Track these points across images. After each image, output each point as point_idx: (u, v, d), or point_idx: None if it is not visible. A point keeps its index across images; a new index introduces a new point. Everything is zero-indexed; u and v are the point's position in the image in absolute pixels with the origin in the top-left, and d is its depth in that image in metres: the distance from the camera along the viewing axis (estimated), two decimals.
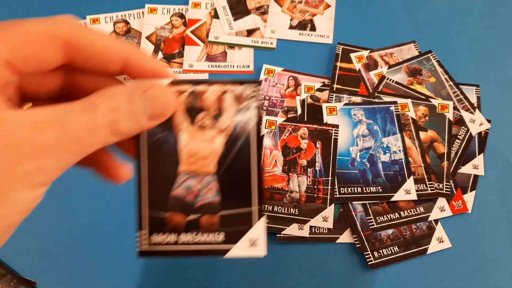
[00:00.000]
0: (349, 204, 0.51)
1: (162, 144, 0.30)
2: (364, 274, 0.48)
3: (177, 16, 0.64)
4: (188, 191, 0.30)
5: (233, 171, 0.30)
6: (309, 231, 0.49)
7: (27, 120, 0.20)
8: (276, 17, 0.64)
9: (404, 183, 0.51)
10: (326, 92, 0.58)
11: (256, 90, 0.30)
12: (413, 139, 0.54)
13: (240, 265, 0.48)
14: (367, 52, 0.61)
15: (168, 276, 0.48)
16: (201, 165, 0.30)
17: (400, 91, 0.58)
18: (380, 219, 0.50)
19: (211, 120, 0.30)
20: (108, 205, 0.51)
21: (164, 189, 0.30)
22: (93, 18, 0.63)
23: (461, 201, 0.51)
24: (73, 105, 0.21)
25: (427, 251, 0.49)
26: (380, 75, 0.59)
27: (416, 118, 0.55)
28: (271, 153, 0.53)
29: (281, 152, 0.53)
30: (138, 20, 0.64)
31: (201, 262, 0.48)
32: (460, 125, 0.56)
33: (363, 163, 0.52)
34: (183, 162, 0.30)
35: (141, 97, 0.23)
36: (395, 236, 0.49)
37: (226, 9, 0.64)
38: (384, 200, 0.51)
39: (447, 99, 0.57)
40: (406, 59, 0.60)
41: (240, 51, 0.62)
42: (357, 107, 0.56)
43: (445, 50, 0.62)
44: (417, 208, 0.51)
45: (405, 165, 0.52)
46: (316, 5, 0.65)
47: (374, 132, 0.54)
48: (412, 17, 0.65)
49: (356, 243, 0.49)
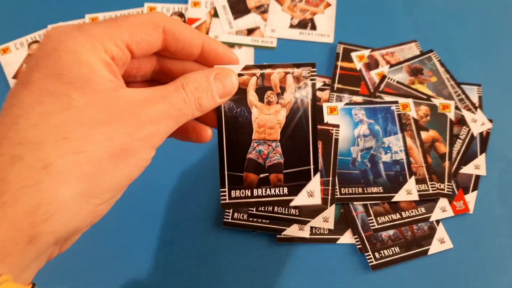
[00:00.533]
0: (350, 205, 0.50)
1: (238, 117, 0.37)
2: (365, 275, 0.48)
3: (177, 15, 0.64)
4: (259, 155, 0.37)
5: (294, 138, 0.37)
6: (310, 232, 0.49)
7: (140, 96, 0.26)
8: (276, 16, 0.64)
9: (405, 183, 0.51)
10: (327, 92, 0.57)
11: (312, 71, 0.37)
12: (414, 139, 0.53)
13: (240, 265, 0.48)
14: (368, 52, 0.61)
15: (168, 276, 0.48)
16: (268, 133, 0.37)
17: (401, 91, 0.57)
18: (381, 220, 0.50)
19: (276, 97, 0.37)
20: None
21: (240, 153, 0.37)
22: (92, 17, 0.62)
23: (462, 201, 0.51)
24: (168, 86, 0.27)
25: (428, 251, 0.48)
26: (381, 75, 0.59)
27: (417, 118, 0.55)
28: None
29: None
30: None
31: (200, 262, 0.48)
32: (462, 125, 0.55)
33: (364, 163, 0.52)
34: (255, 131, 0.37)
35: (215, 79, 0.30)
36: (396, 237, 0.49)
37: (226, 8, 0.64)
38: (385, 200, 0.50)
39: (448, 98, 0.57)
40: (407, 58, 0.60)
41: (240, 50, 0.61)
42: (358, 107, 0.55)
43: (446, 49, 0.61)
44: (419, 209, 0.50)
45: (406, 165, 0.52)
46: (316, 4, 0.65)
47: (375, 132, 0.54)
48: (413, 16, 0.65)
49: (357, 243, 0.49)
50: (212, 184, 0.52)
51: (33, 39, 0.62)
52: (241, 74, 0.37)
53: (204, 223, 0.50)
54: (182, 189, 0.52)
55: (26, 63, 0.61)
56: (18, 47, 0.62)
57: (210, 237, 0.50)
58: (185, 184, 0.52)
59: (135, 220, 0.50)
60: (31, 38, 0.62)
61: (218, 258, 0.48)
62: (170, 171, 0.53)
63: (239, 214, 0.49)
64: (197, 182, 0.52)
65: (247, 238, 0.49)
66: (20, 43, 0.62)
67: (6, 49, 0.61)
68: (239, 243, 0.49)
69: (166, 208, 0.51)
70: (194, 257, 0.48)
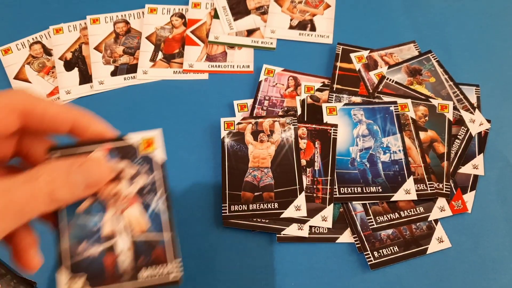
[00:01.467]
0: (349, 204, 0.51)
1: (237, 151, 0.52)
2: (364, 274, 0.48)
3: (177, 16, 0.64)
4: (254, 178, 0.50)
5: (282, 165, 0.51)
6: (309, 231, 0.49)
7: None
8: (276, 17, 0.64)
9: (404, 183, 0.51)
10: (326, 92, 0.58)
11: (293, 119, 0.53)
12: (413, 139, 0.54)
13: (240, 264, 0.48)
14: (367, 52, 0.61)
15: None
16: (261, 162, 0.51)
17: (400, 91, 0.58)
18: (380, 219, 0.50)
19: (267, 137, 0.52)
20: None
21: (239, 177, 0.51)
22: (93, 18, 0.63)
23: (461, 201, 0.51)
24: (17, 177, 0.25)
25: (427, 251, 0.49)
26: (380, 75, 0.59)
27: (416, 118, 0.55)
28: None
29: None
30: (138, 20, 0.64)
31: (201, 262, 0.48)
32: (460, 125, 0.56)
33: (363, 163, 0.52)
34: (250, 161, 0.51)
35: (78, 169, 0.27)
36: (395, 236, 0.49)
37: (226, 9, 0.64)
38: (384, 200, 0.51)
39: (447, 99, 0.57)
40: (406, 59, 0.61)
41: (240, 51, 0.62)
42: (357, 107, 0.56)
43: (445, 50, 0.62)
44: (417, 208, 0.51)
45: (405, 165, 0.52)
46: (316, 5, 0.66)
47: (374, 132, 0.54)
48: (412, 17, 0.65)
49: (356, 243, 0.49)
50: (212, 185, 0.53)
51: (34, 40, 0.63)
52: (240, 122, 0.53)
53: (204, 223, 0.50)
54: (182, 189, 0.52)
55: (27, 63, 0.61)
56: (20, 48, 0.62)
57: (211, 236, 0.50)
58: (185, 184, 0.52)
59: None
60: (33, 39, 0.63)
61: (218, 257, 0.49)
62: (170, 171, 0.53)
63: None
64: (197, 182, 0.52)
65: (247, 237, 0.50)
66: (22, 44, 0.62)
67: (7, 50, 0.62)
68: (239, 242, 0.50)
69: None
70: (195, 256, 0.49)
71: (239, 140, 0.53)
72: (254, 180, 0.51)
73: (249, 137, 0.53)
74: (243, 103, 0.57)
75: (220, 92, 0.58)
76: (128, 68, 0.60)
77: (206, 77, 0.60)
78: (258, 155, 0.52)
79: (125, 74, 0.60)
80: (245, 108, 0.57)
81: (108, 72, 0.60)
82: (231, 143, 0.53)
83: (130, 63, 0.61)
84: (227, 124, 0.54)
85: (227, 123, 0.54)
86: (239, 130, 0.54)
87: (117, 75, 0.60)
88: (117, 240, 0.33)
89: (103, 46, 0.62)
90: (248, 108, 0.57)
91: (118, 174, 0.32)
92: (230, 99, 0.57)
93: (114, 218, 0.33)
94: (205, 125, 0.56)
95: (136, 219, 0.33)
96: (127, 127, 0.58)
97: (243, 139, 0.53)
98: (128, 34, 0.63)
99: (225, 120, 0.54)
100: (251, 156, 0.52)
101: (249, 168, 0.51)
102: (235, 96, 0.58)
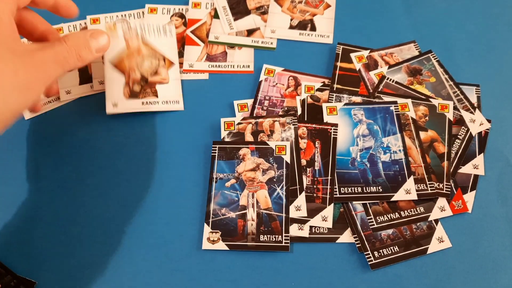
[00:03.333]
0: (349, 204, 0.51)
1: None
2: (364, 274, 0.48)
3: (177, 16, 0.64)
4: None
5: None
6: (309, 231, 0.49)
7: (32, 46, 0.37)
8: (276, 17, 0.64)
9: (404, 183, 0.51)
10: (326, 92, 0.58)
11: (293, 119, 0.53)
12: (413, 139, 0.54)
13: (239, 265, 0.48)
14: (367, 52, 0.61)
15: (168, 276, 0.48)
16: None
17: (400, 91, 0.58)
18: (380, 219, 0.50)
19: (267, 137, 0.52)
20: (107, 205, 0.51)
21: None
22: (93, 18, 0.63)
23: (461, 201, 0.51)
24: (52, 41, 0.40)
25: (427, 251, 0.49)
26: (380, 75, 0.59)
27: (416, 118, 0.55)
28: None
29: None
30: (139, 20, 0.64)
31: (200, 261, 0.48)
32: (460, 125, 0.56)
33: (363, 163, 0.52)
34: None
35: (90, 37, 0.42)
36: (395, 236, 0.49)
37: (226, 9, 0.64)
38: (384, 200, 0.51)
39: (447, 99, 0.57)
40: (406, 59, 0.61)
41: (240, 51, 0.62)
42: (357, 107, 0.56)
43: (445, 50, 0.62)
44: (417, 208, 0.51)
45: (405, 165, 0.52)
46: (316, 5, 0.66)
47: (374, 132, 0.54)
48: (412, 17, 0.65)
49: (356, 243, 0.49)
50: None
51: None
52: (240, 122, 0.53)
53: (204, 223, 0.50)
54: (182, 189, 0.52)
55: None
56: None
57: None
58: (185, 184, 0.52)
59: (135, 220, 0.51)
60: None
61: (218, 257, 0.49)
62: (170, 171, 0.53)
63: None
64: (197, 182, 0.52)
65: None
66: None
67: None
68: None
69: (166, 208, 0.51)
70: (194, 256, 0.49)
71: (239, 140, 0.53)
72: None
73: (249, 137, 0.53)
74: (243, 103, 0.57)
75: (220, 92, 0.58)
76: None
77: (206, 77, 0.60)
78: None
79: None
80: (245, 108, 0.57)
81: None
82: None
83: None
84: (227, 124, 0.54)
85: (227, 123, 0.54)
86: (239, 130, 0.54)
87: None
88: (248, 211, 0.46)
89: None
90: (248, 108, 0.57)
91: (257, 166, 0.48)
92: (230, 99, 0.57)
93: (249, 196, 0.47)
94: (205, 125, 0.56)
95: (263, 199, 0.47)
96: (127, 127, 0.58)
97: (243, 139, 0.53)
98: None
99: (225, 120, 0.54)
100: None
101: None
102: (235, 96, 0.58)
